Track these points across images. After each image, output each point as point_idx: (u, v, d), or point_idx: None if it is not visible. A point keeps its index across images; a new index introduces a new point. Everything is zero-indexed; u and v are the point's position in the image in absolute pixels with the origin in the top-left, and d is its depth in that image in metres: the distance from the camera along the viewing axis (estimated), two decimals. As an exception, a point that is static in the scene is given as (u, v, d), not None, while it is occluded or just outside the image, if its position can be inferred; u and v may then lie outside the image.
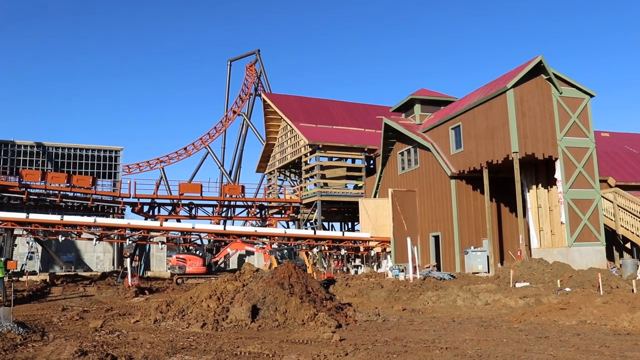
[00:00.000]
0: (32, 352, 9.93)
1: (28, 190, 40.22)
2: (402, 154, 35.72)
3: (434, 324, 13.85)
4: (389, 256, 34.07)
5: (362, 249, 37.61)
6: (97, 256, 42.16)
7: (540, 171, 28.25)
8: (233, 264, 46.43)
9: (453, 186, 30.01)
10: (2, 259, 22.01)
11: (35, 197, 41.51)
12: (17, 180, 40.93)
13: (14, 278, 27.42)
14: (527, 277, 22.06)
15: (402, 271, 26.82)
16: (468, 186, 30.20)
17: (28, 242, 36.41)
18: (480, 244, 29.10)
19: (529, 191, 28.24)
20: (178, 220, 43.31)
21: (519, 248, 26.32)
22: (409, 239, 26.24)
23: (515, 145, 25.46)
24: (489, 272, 26.86)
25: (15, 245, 33.12)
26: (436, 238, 31.79)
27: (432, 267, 29.93)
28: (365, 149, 44.11)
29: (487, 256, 27.67)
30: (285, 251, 29.77)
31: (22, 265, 33.53)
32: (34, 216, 32.53)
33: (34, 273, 31.53)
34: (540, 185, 28.17)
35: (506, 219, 30.44)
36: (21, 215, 32.18)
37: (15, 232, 32.19)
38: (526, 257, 25.32)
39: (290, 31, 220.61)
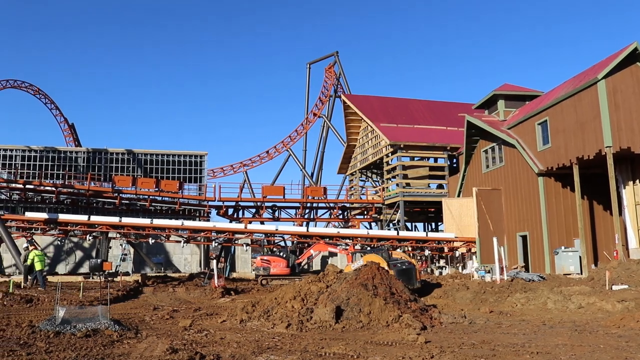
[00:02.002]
0: (127, 348, 10.29)
1: (120, 195, 42.17)
2: (486, 151, 34.74)
3: (523, 327, 13.30)
4: (474, 257, 33.24)
5: (446, 250, 36.88)
6: (185, 258, 43.56)
7: (637, 166, 26.60)
8: (316, 265, 46.72)
9: (541, 184, 28.86)
10: (39, 251, 24.88)
11: (127, 201, 43.45)
12: (110, 186, 43.04)
13: (109, 278, 28.75)
14: (625, 280, 20.81)
15: (489, 272, 26.03)
16: (557, 183, 28.94)
17: (121, 245, 38.17)
18: (571, 244, 27.80)
19: (624, 187, 26.65)
20: (262, 223, 44.09)
21: (615, 248, 24.89)
22: (495, 239, 25.46)
23: (609, 139, 24.13)
24: (581, 273, 25.61)
25: (110, 247, 34.79)
26: (524, 238, 30.67)
27: (519, 268, 28.88)
28: (448, 148, 43.22)
29: (580, 257, 26.38)
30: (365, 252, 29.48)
31: (117, 266, 35.16)
32: (126, 220, 34.14)
33: (127, 274, 32.98)
34: (637, 181, 26.51)
35: (600, 217, 28.91)
36: (114, 219, 33.87)
37: (110, 235, 33.84)
38: (623, 258, 23.89)
39: (368, 31, 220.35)
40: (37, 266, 24.06)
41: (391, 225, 46.25)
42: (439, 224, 47.83)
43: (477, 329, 13.11)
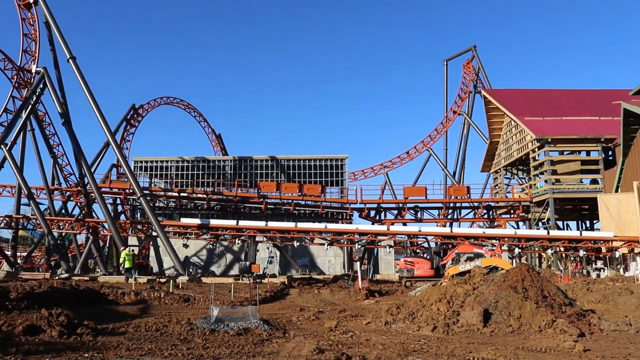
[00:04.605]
0: (276, 347, 10.61)
1: (265, 200, 43.95)
2: (647, 141, 31.82)
3: None
4: (638, 258, 30.54)
5: (604, 250, 34.31)
6: (329, 260, 44.32)
7: None
8: (461, 266, 45.40)
9: None
10: (128, 250, 29.06)
11: (272, 206, 45.17)
12: (256, 191, 44.99)
13: (257, 280, 29.96)
14: None
15: (657, 274, 23.72)
16: None
17: (268, 248, 39.72)
18: None
19: None
20: (404, 224, 43.74)
21: None
22: (662, 238, 23.16)
23: None
24: None
25: (258, 250, 36.29)
26: (697, 236, 27.60)
27: (694, 269, 26.03)
28: (602, 139, 40.19)
29: None
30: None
31: (264, 268, 36.60)
32: (271, 224, 35.47)
33: (273, 276, 34.22)
34: None
35: None
36: (261, 224, 35.33)
37: (257, 238, 35.30)
38: None
39: (506, 21, 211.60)
40: (127, 264, 27.92)
41: (540, 224, 43.88)
42: (595, 222, 44.70)
43: (645, 338, 11.90)
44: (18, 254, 45.75)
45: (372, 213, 44.90)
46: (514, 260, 35.59)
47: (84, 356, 8.93)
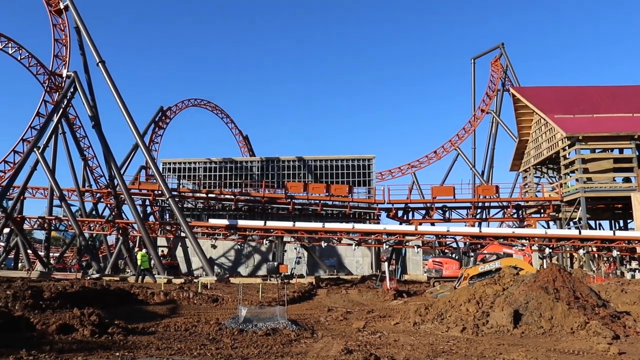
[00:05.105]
0: (304, 347, 10.59)
1: (293, 200, 44.05)
2: (682, 138, 31.05)
3: None
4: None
5: (638, 250, 33.58)
6: (357, 260, 44.19)
7: None
8: (490, 267, 44.88)
9: None
10: (144, 251, 29.12)
11: (299, 206, 45.24)
12: (283, 192, 45.12)
13: (285, 280, 30.01)
14: None
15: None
16: None
17: (296, 248, 39.83)
18: None
19: None
20: (432, 224, 43.44)
21: None
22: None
23: None
24: None
25: (285, 251, 36.39)
26: None
27: None
28: (636, 137, 39.41)
29: None
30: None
31: (292, 269, 36.68)
32: (299, 224, 35.53)
33: (301, 276, 34.27)
34: None
35: None
36: (288, 224, 35.44)
37: (285, 239, 35.39)
38: None
39: (534, 18, 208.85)
40: (144, 265, 28.15)
41: (571, 223, 43.19)
42: (629, 221, 43.82)
43: (686, 341, 11.56)
44: (51, 254, 46.64)
45: (400, 213, 44.73)
46: (545, 261, 35.10)
47: (115, 355, 9.04)
